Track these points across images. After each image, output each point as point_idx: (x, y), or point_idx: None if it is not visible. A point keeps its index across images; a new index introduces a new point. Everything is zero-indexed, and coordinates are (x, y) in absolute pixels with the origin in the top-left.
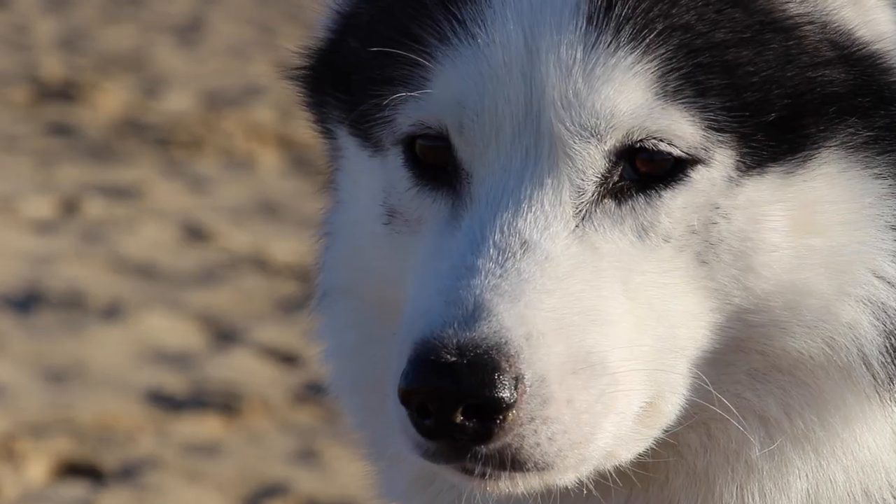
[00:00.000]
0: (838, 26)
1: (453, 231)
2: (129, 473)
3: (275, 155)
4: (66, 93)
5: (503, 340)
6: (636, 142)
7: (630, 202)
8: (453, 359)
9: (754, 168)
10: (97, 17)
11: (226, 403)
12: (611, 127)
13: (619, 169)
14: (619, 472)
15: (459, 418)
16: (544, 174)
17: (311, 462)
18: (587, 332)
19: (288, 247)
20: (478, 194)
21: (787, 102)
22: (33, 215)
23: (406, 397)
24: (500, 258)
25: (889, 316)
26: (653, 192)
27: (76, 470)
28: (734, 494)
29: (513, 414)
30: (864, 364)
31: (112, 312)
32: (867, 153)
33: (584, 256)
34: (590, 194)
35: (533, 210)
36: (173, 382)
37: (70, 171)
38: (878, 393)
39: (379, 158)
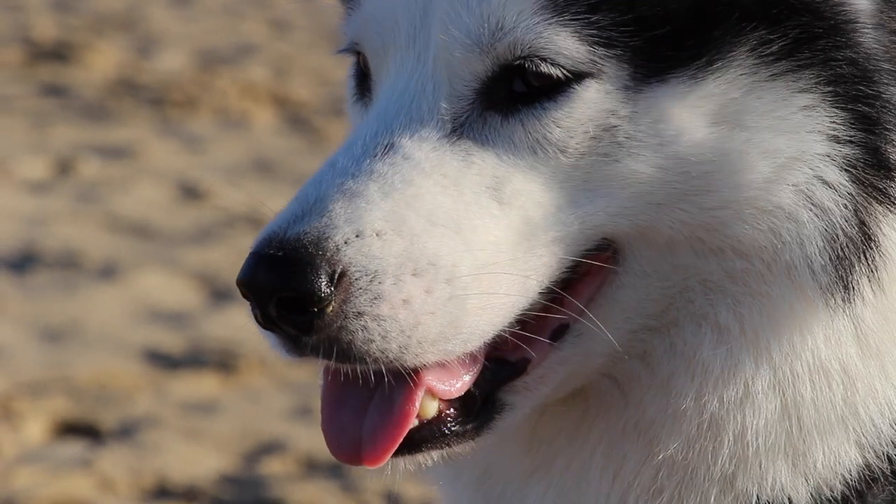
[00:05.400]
0: None
1: None
2: (126, 432)
3: (269, 113)
4: (59, 53)
5: (325, 235)
6: (519, 57)
7: (519, 116)
8: (272, 252)
9: (653, 76)
10: None
11: (223, 361)
12: (496, 38)
13: (507, 82)
14: (596, 388)
15: (274, 310)
16: (427, 80)
17: (309, 419)
18: (434, 235)
19: (283, 205)
20: (375, 101)
21: (685, 14)
22: (28, 176)
23: (240, 291)
24: (361, 157)
25: (831, 221)
26: (539, 106)
27: (74, 429)
28: (693, 401)
29: (333, 307)
30: (808, 266)
31: (108, 272)
32: (787, 65)
33: (451, 163)
34: (469, 102)
35: (409, 114)
36: (170, 341)
37: (64, 132)
38: (823, 299)
39: None
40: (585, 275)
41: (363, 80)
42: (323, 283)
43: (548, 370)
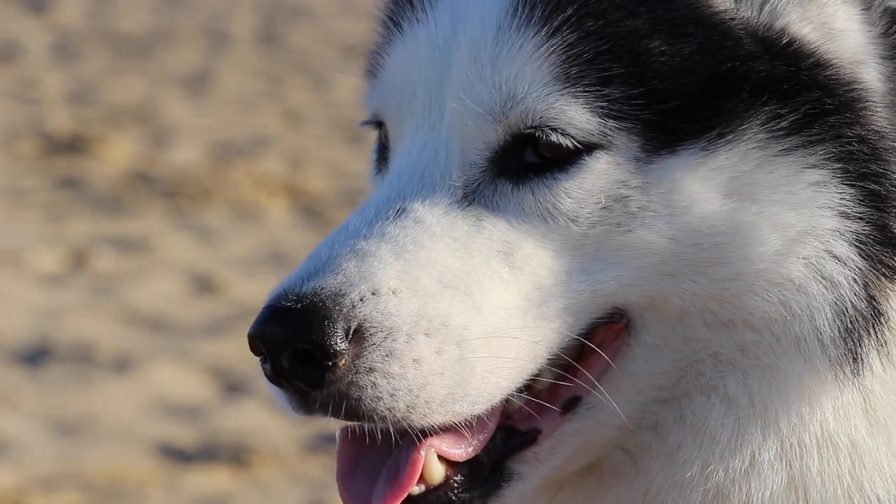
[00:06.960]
0: (769, 23)
1: None
2: None
3: (283, 205)
4: (74, 146)
5: (341, 291)
6: (530, 126)
7: (529, 185)
8: (288, 305)
9: (664, 148)
10: (105, 69)
11: (236, 455)
12: (507, 107)
13: (519, 151)
14: (610, 460)
15: (286, 363)
16: (440, 147)
17: None
18: (446, 296)
19: None
20: (390, 168)
21: (699, 89)
22: (42, 269)
23: (250, 344)
24: (373, 220)
25: (840, 294)
26: (550, 176)
27: None
28: (699, 471)
29: (345, 362)
30: (818, 338)
31: (121, 365)
32: (798, 140)
33: (461, 227)
34: (480, 170)
35: (422, 180)
36: (183, 435)
37: (79, 224)
38: (832, 371)
39: None
40: (598, 346)
41: (383, 152)
42: (339, 337)
43: (558, 441)
